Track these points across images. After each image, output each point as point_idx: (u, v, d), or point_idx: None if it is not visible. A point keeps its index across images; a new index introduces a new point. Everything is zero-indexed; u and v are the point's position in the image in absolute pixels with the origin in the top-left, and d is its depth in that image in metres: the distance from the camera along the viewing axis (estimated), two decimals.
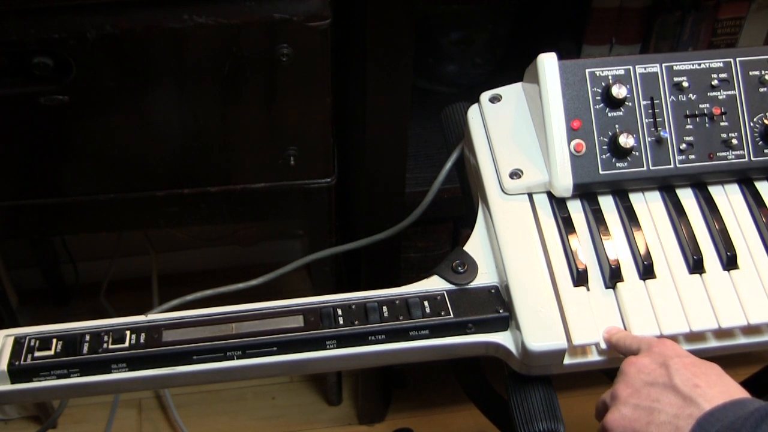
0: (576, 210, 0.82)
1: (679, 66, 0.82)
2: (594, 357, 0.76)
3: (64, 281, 1.74)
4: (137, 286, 1.68)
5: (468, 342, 0.77)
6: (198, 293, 0.95)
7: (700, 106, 0.82)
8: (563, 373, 0.77)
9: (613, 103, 0.81)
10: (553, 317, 0.75)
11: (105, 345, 0.75)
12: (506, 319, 0.77)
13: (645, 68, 0.82)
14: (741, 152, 0.82)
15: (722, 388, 0.65)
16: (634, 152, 0.81)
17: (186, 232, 1.71)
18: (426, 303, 0.78)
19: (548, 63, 0.81)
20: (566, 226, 0.80)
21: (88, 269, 1.71)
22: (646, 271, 0.78)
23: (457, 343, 0.77)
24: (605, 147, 0.81)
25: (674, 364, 0.68)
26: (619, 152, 0.81)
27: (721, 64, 0.83)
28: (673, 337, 0.76)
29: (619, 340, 0.74)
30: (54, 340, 0.75)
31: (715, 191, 0.83)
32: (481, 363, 0.96)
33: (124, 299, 1.66)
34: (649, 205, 0.82)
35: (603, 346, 0.75)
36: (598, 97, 0.81)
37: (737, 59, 0.83)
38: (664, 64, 0.82)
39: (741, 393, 0.65)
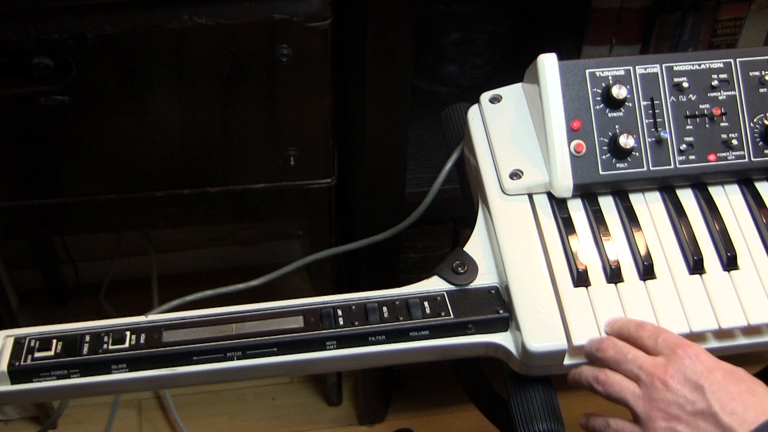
0: (576, 210, 0.82)
1: (679, 66, 0.82)
2: None
3: (64, 281, 1.74)
4: (137, 286, 1.68)
5: (468, 342, 0.77)
6: (198, 294, 0.95)
7: (701, 106, 0.82)
8: (563, 373, 0.77)
9: (613, 103, 0.81)
10: (553, 318, 0.75)
11: (105, 345, 0.75)
12: (506, 320, 0.77)
13: (645, 69, 0.82)
14: (741, 153, 0.82)
15: (758, 410, 0.64)
16: (634, 153, 0.81)
17: (186, 232, 1.71)
18: (426, 303, 0.78)
19: (548, 63, 0.81)
20: (566, 226, 0.80)
21: (88, 269, 1.71)
22: (646, 271, 0.78)
23: (457, 343, 0.77)
24: (605, 147, 0.81)
25: (709, 385, 0.66)
26: (619, 153, 0.81)
27: (722, 65, 0.83)
28: None
29: (621, 326, 0.72)
30: (54, 341, 0.75)
31: (715, 191, 0.83)
32: (481, 363, 0.96)
33: (124, 299, 1.66)
34: (649, 205, 0.82)
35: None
36: (599, 98, 0.81)
37: (737, 60, 0.83)
38: (664, 65, 0.82)
39: None
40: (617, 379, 0.70)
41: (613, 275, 0.77)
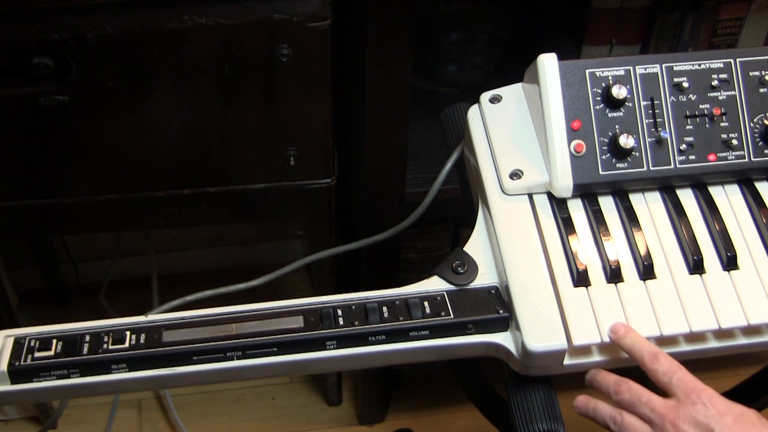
0: (576, 210, 0.82)
1: (679, 66, 0.82)
2: (594, 357, 0.76)
3: (64, 281, 1.74)
4: (137, 286, 1.68)
5: (468, 342, 0.77)
6: (198, 294, 0.95)
7: (701, 106, 0.82)
8: (563, 373, 0.77)
9: (614, 103, 0.81)
10: (553, 318, 0.75)
11: (105, 345, 0.75)
12: (506, 320, 0.77)
13: (645, 69, 0.82)
14: (741, 152, 0.82)
15: None
16: (634, 153, 0.81)
17: (186, 232, 1.71)
18: (426, 303, 0.78)
19: (548, 63, 0.81)
20: (566, 226, 0.80)
21: (88, 269, 1.71)
22: (646, 271, 0.78)
23: (457, 343, 0.77)
24: (605, 147, 0.81)
25: (720, 429, 0.67)
26: (619, 153, 0.81)
27: (722, 65, 0.83)
28: (673, 338, 0.76)
29: (633, 345, 0.73)
30: (54, 341, 0.75)
31: (715, 191, 0.83)
32: (481, 363, 0.96)
33: (124, 299, 1.66)
34: (649, 205, 0.82)
35: (606, 339, 0.75)
36: (599, 98, 0.81)
37: (737, 60, 0.83)
38: (664, 65, 0.82)
39: None
40: (632, 420, 0.72)
41: (613, 275, 0.77)
